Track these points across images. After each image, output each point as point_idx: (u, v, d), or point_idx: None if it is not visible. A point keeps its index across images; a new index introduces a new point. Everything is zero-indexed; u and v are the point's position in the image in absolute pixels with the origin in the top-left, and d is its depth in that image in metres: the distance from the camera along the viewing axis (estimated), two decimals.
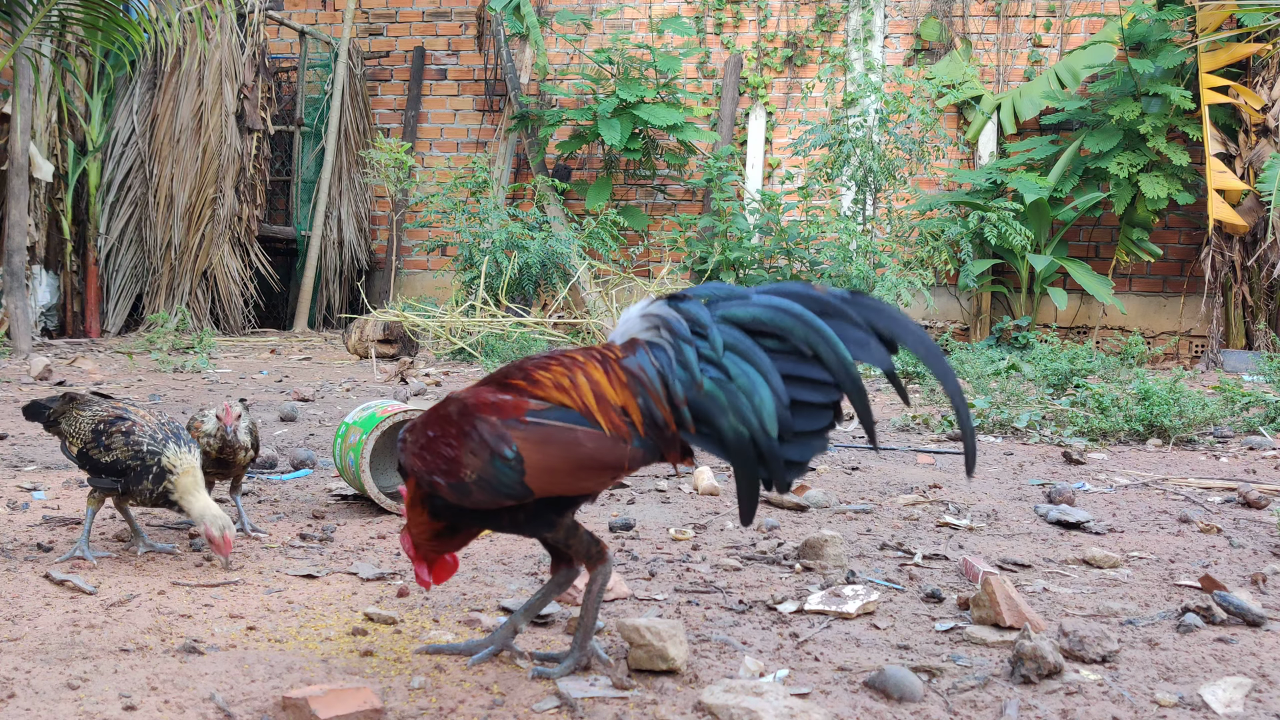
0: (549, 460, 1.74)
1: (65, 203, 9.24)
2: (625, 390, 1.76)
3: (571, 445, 1.74)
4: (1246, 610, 2.17)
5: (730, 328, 1.74)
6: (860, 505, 3.26)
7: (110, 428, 2.52)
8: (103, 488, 2.54)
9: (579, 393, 1.76)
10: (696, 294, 1.80)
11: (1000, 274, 9.60)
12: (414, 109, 11.21)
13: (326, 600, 2.24)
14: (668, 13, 10.64)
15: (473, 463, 1.75)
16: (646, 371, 1.76)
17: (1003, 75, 10.12)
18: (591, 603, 1.85)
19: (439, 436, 1.80)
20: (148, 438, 2.48)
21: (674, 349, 1.75)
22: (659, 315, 1.79)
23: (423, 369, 7.05)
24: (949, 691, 1.80)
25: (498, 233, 8.40)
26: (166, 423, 2.56)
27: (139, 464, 2.46)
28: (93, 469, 2.54)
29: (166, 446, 2.47)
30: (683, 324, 1.76)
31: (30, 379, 6.10)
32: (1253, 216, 8.44)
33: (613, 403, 1.75)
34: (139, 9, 8.25)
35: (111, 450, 2.49)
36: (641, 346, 1.78)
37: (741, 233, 9.05)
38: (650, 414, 1.75)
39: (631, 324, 1.82)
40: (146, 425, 2.51)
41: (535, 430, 1.74)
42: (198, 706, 1.67)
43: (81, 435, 2.58)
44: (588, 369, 1.78)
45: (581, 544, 1.86)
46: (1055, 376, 6.07)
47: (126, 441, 2.48)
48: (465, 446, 1.76)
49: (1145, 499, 3.46)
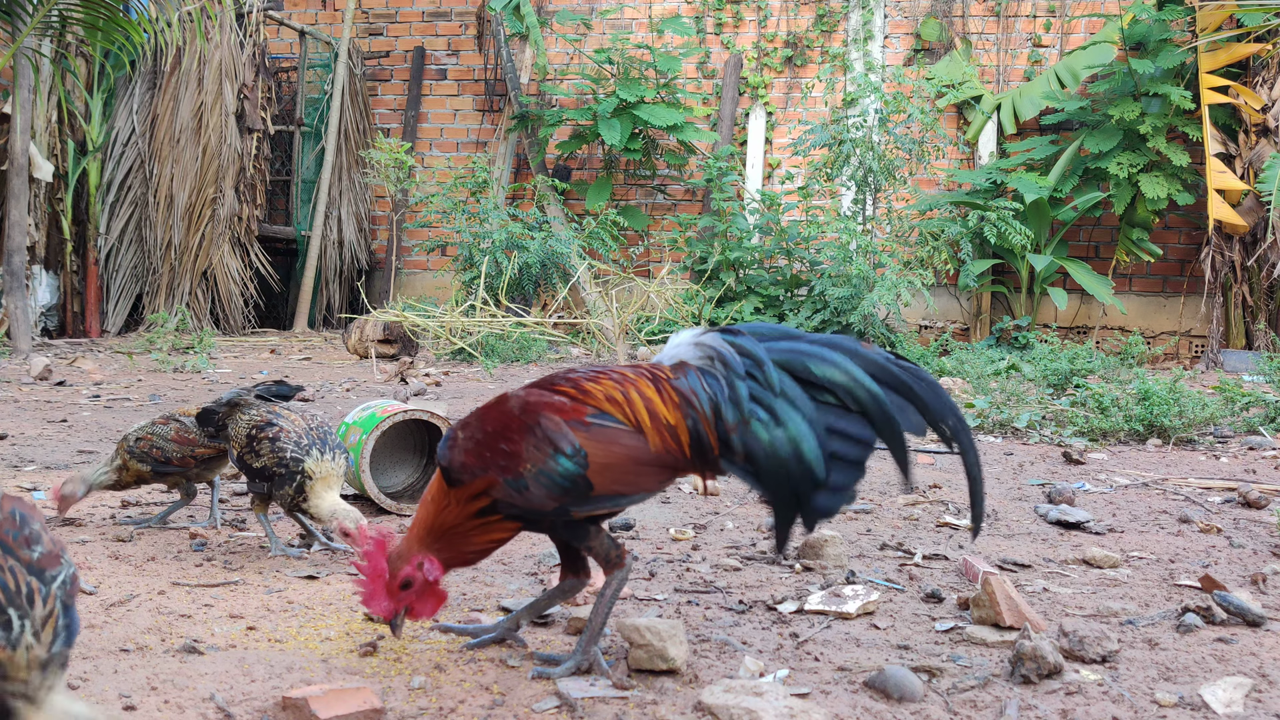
0: (612, 458, 1.78)
1: (65, 203, 9.24)
2: (676, 411, 1.80)
3: (635, 447, 1.79)
4: (1246, 610, 2.17)
5: (783, 373, 1.79)
6: (860, 505, 3.26)
7: (260, 433, 2.51)
8: (258, 493, 2.56)
9: (632, 408, 1.80)
10: (751, 330, 1.85)
11: (1000, 274, 9.60)
12: (414, 109, 11.21)
13: (326, 600, 2.24)
14: (668, 13, 10.64)
15: (535, 457, 1.77)
16: (699, 395, 1.80)
17: (1003, 75, 10.12)
18: (603, 606, 1.85)
19: (498, 431, 1.81)
20: (292, 444, 2.47)
21: (727, 381, 1.80)
22: (714, 347, 1.83)
23: (423, 369, 7.05)
24: (949, 691, 1.80)
25: (498, 233, 8.40)
26: (315, 427, 2.53)
27: (283, 470, 2.46)
28: (247, 474, 2.56)
29: (309, 453, 2.46)
30: (738, 359, 1.81)
31: (30, 379, 6.10)
32: (1253, 216, 8.44)
33: (664, 420, 1.80)
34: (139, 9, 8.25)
35: (260, 456, 2.50)
36: (693, 370, 1.83)
37: (741, 233, 9.05)
38: (698, 436, 1.79)
39: (683, 349, 1.86)
40: (293, 431, 2.50)
41: (598, 431, 1.79)
42: (198, 706, 1.67)
43: (239, 440, 2.58)
44: (640, 385, 1.82)
45: (603, 546, 1.87)
46: (1055, 376, 6.06)
47: (273, 448, 2.48)
48: (528, 441, 1.78)
49: (1145, 499, 3.46)
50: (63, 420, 4.66)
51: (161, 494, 3.24)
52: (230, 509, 3.10)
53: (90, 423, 4.63)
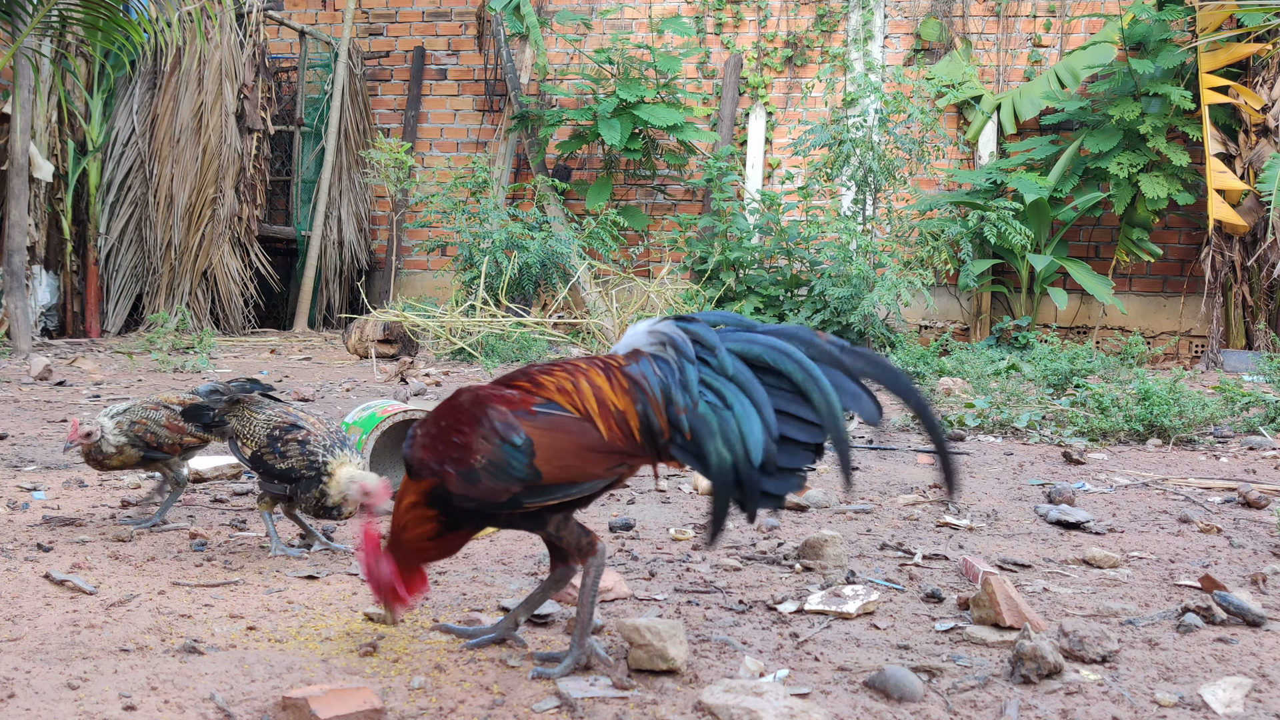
0: (559, 445, 1.79)
1: (65, 203, 9.24)
2: (626, 396, 1.81)
3: (581, 434, 1.79)
4: (1246, 610, 2.17)
5: (735, 358, 1.79)
6: (860, 505, 3.26)
7: (286, 435, 2.52)
8: (273, 493, 2.56)
9: (581, 396, 1.82)
10: (706, 319, 1.86)
11: (1000, 274, 9.60)
12: (414, 109, 11.21)
13: (326, 600, 2.24)
14: (668, 13, 10.64)
15: (484, 448, 1.80)
16: (649, 380, 1.81)
17: (1003, 75, 10.12)
18: (587, 596, 1.86)
19: (450, 425, 1.85)
20: (321, 448, 2.49)
21: (678, 366, 1.80)
22: (666, 333, 1.84)
23: (423, 369, 7.05)
24: (949, 691, 1.80)
25: (498, 233, 8.40)
26: (335, 430, 2.56)
27: (313, 473, 2.47)
28: (266, 474, 2.56)
29: (333, 454, 2.48)
30: (689, 345, 1.81)
31: (30, 379, 6.10)
32: (1253, 216, 8.44)
33: (612, 408, 1.80)
34: (139, 9, 8.25)
35: (287, 458, 2.50)
36: (645, 357, 1.84)
37: (741, 233, 9.06)
38: (648, 421, 1.80)
39: (638, 337, 1.88)
40: (318, 434, 2.52)
41: (544, 419, 1.80)
42: (198, 706, 1.67)
43: (256, 439, 2.58)
44: (590, 375, 1.84)
45: (572, 535, 1.89)
46: (1055, 376, 6.06)
47: (302, 450, 2.49)
48: (477, 433, 1.81)
49: (1145, 499, 3.46)
50: (63, 420, 4.66)
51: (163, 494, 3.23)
52: (229, 509, 3.10)
53: None
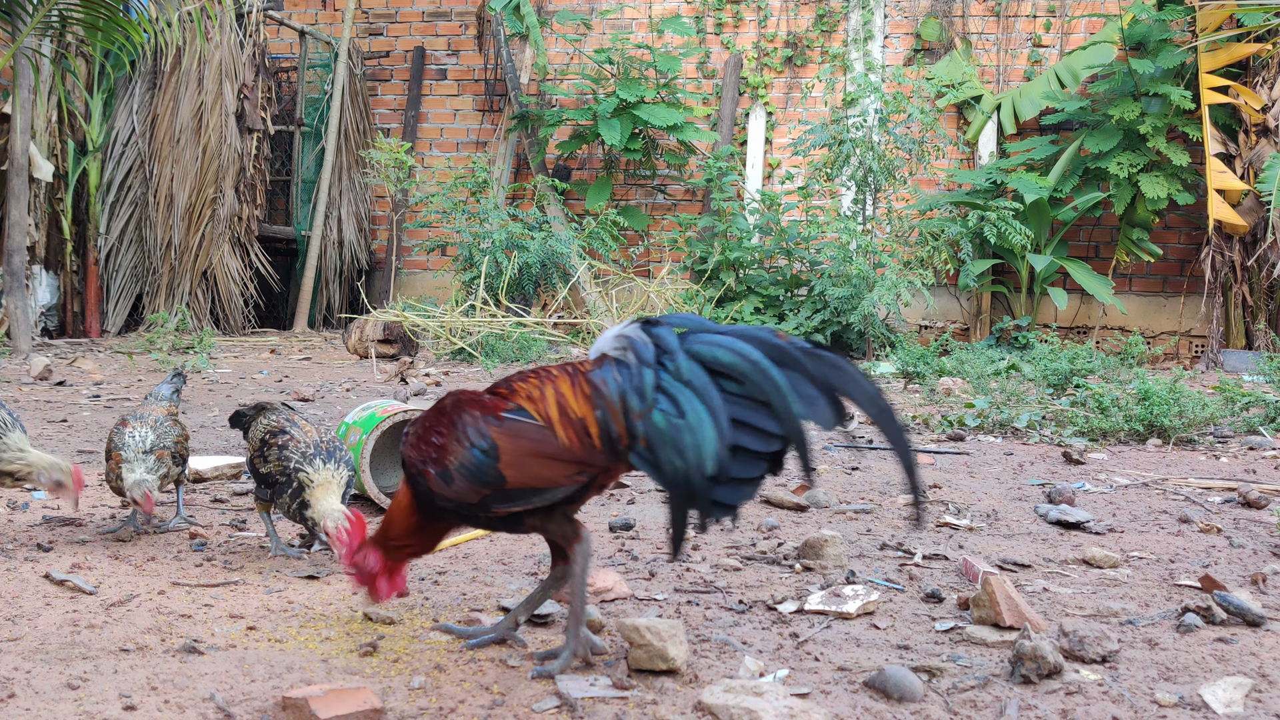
0: (520, 451, 1.82)
1: (65, 203, 9.24)
2: (586, 403, 1.82)
3: (541, 441, 1.82)
4: (1246, 610, 2.17)
5: (693, 362, 1.78)
6: (860, 505, 3.26)
7: (271, 440, 2.54)
8: (259, 496, 2.59)
9: (545, 403, 1.85)
10: (671, 321, 1.85)
11: (1000, 274, 9.60)
12: (414, 109, 11.21)
13: (326, 600, 2.24)
14: (668, 13, 10.64)
15: (457, 450, 1.85)
16: (609, 385, 1.82)
17: (1003, 75, 10.12)
18: (577, 586, 1.88)
19: (432, 426, 1.91)
20: (298, 454, 2.49)
21: (636, 370, 1.81)
22: (629, 337, 1.85)
23: (423, 369, 7.05)
24: (949, 691, 1.80)
25: (498, 233, 8.41)
26: (326, 440, 2.56)
27: (284, 478, 2.49)
28: (254, 477, 2.59)
29: (311, 463, 2.48)
30: (648, 348, 1.81)
31: (30, 379, 6.10)
32: (1253, 216, 8.44)
33: (573, 415, 1.82)
34: (139, 9, 8.25)
35: (268, 462, 2.53)
36: (609, 362, 1.85)
37: (741, 233, 9.06)
38: (607, 427, 1.80)
39: (606, 342, 1.89)
40: (302, 441, 2.52)
41: (509, 425, 1.84)
42: (198, 706, 1.67)
43: (252, 443, 2.62)
44: (558, 382, 1.87)
45: (558, 528, 1.91)
46: (1055, 376, 6.06)
47: (280, 456, 2.50)
48: (452, 435, 1.87)
49: (1145, 499, 3.46)
50: (63, 420, 4.66)
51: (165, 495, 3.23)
52: (229, 509, 3.10)
53: (90, 422, 4.63)
